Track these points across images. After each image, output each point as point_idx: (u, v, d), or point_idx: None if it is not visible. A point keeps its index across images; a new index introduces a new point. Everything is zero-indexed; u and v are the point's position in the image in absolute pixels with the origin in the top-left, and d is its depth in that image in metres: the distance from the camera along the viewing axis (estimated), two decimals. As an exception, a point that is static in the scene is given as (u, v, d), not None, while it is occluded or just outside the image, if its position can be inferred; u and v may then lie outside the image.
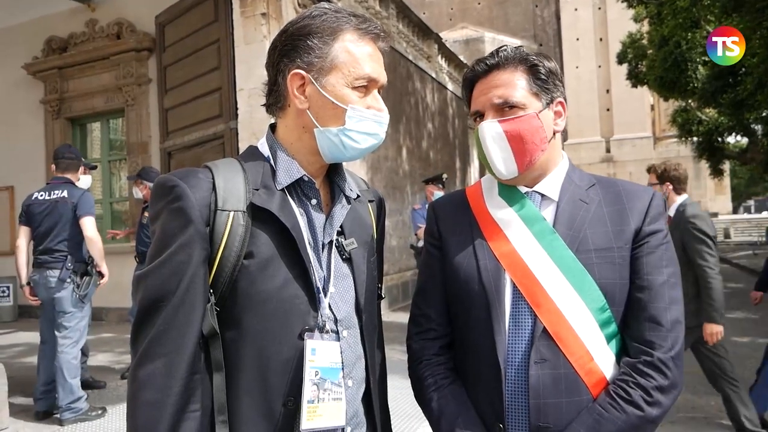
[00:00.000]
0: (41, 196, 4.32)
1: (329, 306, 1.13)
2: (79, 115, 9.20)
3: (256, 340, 1.05)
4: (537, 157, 1.24)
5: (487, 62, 1.27)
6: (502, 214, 1.29)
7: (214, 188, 1.06)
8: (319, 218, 1.17)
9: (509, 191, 1.31)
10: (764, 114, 15.23)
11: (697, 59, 16.53)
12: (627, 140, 39.62)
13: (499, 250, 1.26)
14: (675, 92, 18.34)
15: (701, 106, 19.25)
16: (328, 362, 1.09)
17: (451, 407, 1.25)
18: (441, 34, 14.58)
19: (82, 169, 4.60)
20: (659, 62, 17.42)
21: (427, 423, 1.30)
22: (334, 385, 1.09)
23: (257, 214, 1.07)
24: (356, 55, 1.12)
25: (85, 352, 4.92)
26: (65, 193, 4.26)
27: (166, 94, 7.18)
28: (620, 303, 1.21)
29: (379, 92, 1.17)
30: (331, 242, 1.17)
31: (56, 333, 4.21)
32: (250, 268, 1.05)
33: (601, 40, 39.93)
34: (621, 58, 21.83)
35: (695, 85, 16.80)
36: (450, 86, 14.50)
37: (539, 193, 1.29)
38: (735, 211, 50.36)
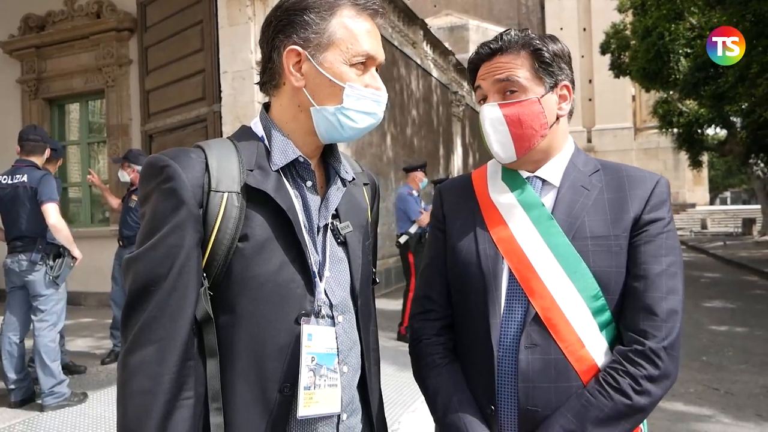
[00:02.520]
0: (4, 180, 4.16)
1: (325, 291, 1.11)
2: (57, 96, 8.96)
3: (251, 325, 1.02)
4: (536, 142, 1.24)
5: (491, 46, 1.27)
6: (504, 199, 1.29)
7: (207, 169, 1.03)
8: (314, 201, 1.14)
9: (511, 176, 1.30)
10: (744, 106, 15.45)
11: (680, 51, 16.71)
12: (608, 130, 39.98)
13: (498, 235, 1.26)
14: (657, 83, 18.56)
15: (682, 98, 19.51)
16: (324, 348, 1.06)
17: (448, 387, 1.26)
18: (425, 21, 14.48)
19: (48, 151, 4.44)
20: (642, 53, 17.58)
21: (410, 410, 1.30)
22: (330, 371, 1.07)
23: (252, 196, 1.04)
24: (354, 31, 1.08)
25: (62, 335, 4.84)
26: (25, 178, 4.10)
27: (147, 76, 7.04)
28: (615, 291, 1.20)
29: (377, 70, 1.14)
30: (326, 225, 1.15)
31: (32, 317, 4.14)
32: (244, 251, 1.02)
33: (584, 30, 40.11)
34: (604, 49, 21.98)
35: (677, 76, 17.01)
36: (435, 73, 14.43)
37: (540, 179, 1.29)
38: (712, 202, 51.31)
